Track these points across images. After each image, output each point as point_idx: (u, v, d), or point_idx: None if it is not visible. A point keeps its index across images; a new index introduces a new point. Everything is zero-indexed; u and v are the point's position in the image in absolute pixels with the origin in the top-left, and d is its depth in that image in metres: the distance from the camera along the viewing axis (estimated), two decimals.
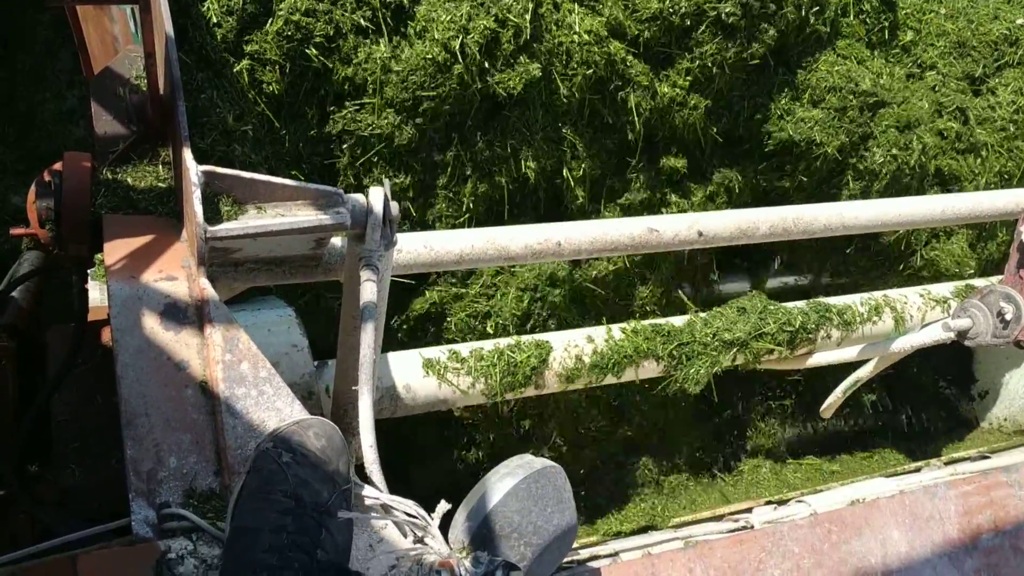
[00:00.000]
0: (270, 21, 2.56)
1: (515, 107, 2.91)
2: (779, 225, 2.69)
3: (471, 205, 3.00)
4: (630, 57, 3.09)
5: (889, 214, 2.89)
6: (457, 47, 2.72)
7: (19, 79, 4.67)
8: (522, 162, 2.98)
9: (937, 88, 3.82)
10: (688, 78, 3.18)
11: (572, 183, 3.13)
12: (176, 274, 1.71)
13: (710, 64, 3.16)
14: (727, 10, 3.09)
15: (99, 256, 2.02)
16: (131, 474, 1.52)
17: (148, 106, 1.92)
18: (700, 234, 2.57)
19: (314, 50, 2.63)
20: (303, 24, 2.59)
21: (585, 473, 3.76)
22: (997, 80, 3.88)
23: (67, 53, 4.73)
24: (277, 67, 2.58)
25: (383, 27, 2.76)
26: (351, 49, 2.72)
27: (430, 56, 2.74)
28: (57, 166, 1.92)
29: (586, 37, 2.94)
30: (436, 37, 2.74)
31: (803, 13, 3.31)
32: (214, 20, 2.46)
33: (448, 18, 2.75)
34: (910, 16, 3.86)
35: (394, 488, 1.61)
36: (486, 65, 2.81)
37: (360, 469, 1.66)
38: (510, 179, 3.01)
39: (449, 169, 2.91)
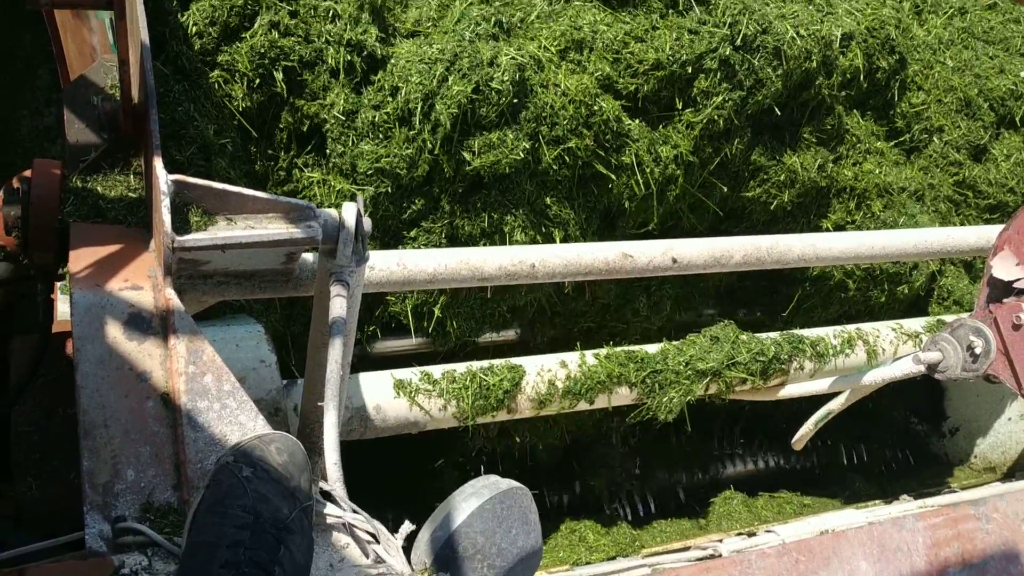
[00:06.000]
0: (249, 34, 2.56)
1: (498, 182, 2.74)
2: (753, 254, 2.70)
3: None
4: (625, 117, 2.96)
5: (863, 247, 2.91)
6: (419, 113, 2.55)
7: None
8: (507, 236, 2.78)
9: (937, 159, 3.81)
10: (692, 134, 3.04)
11: None
12: (141, 284, 1.68)
13: (716, 117, 3.04)
14: (726, 53, 3.00)
15: (67, 268, 1.99)
16: (87, 486, 1.48)
17: (120, 114, 1.91)
18: (674, 260, 2.58)
19: (281, 74, 2.60)
20: (278, 43, 2.59)
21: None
22: (999, 148, 3.91)
23: (46, 71, 4.72)
24: (245, 81, 2.56)
25: (346, 74, 2.65)
26: (320, 88, 2.65)
27: (395, 119, 2.60)
28: (27, 172, 1.90)
29: (575, 94, 2.78)
30: (405, 98, 2.58)
31: (812, 64, 3.23)
32: (195, 30, 2.46)
33: (419, 79, 2.58)
34: (919, 73, 3.86)
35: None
36: (461, 139, 2.62)
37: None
38: None
39: (419, 243, 2.73)
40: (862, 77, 3.54)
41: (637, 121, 3.02)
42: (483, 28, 2.78)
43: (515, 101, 2.67)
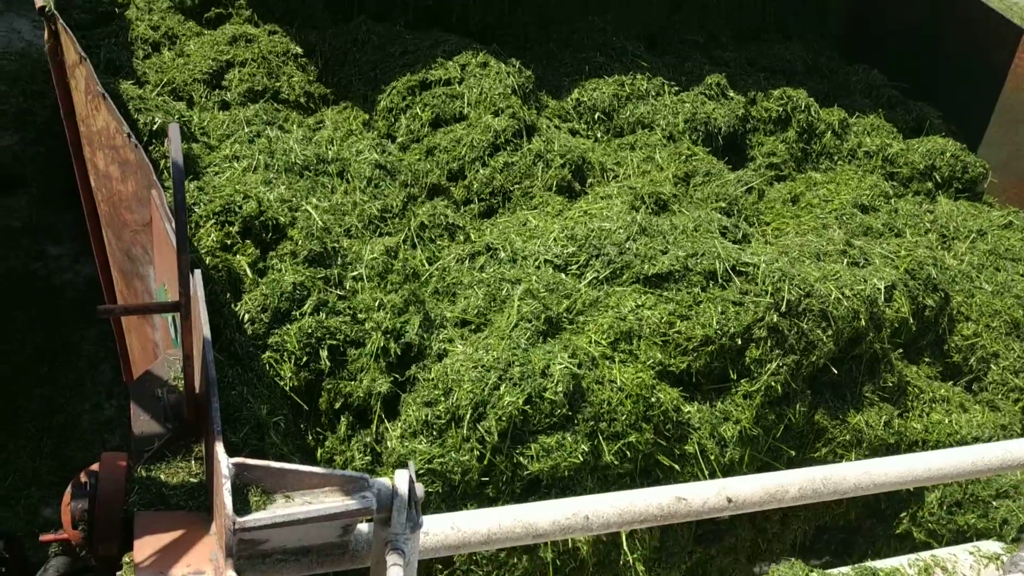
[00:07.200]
0: (298, 313, 2.74)
1: (557, 482, 2.71)
2: (808, 487, 2.65)
3: None
4: (684, 405, 2.95)
5: (918, 469, 2.85)
6: (468, 420, 2.58)
7: (61, 392, 4.88)
8: (570, 538, 2.67)
9: (999, 387, 3.77)
10: (752, 404, 3.01)
11: (629, 555, 2.84)
12: (203, 568, 1.71)
13: (773, 383, 3.02)
14: (773, 320, 3.02)
15: (127, 558, 2.02)
16: None
17: (184, 405, 2.02)
18: (729, 500, 2.54)
19: (326, 351, 2.74)
20: (325, 323, 2.75)
21: None
22: None
23: (108, 366, 4.99)
24: (293, 359, 2.70)
25: (384, 358, 2.73)
26: (359, 370, 2.76)
27: (448, 420, 2.62)
28: (94, 467, 1.98)
29: (631, 389, 2.80)
30: (456, 402, 2.62)
31: (861, 322, 3.26)
32: (248, 318, 2.64)
33: (470, 387, 2.63)
34: (963, 303, 3.92)
35: None
36: (514, 446, 2.63)
37: None
38: (556, 552, 2.71)
39: None
40: (911, 321, 3.58)
41: (696, 406, 3.00)
42: (533, 326, 2.87)
43: (569, 412, 2.69)
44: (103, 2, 4.76)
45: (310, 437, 2.82)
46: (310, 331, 2.76)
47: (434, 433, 2.64)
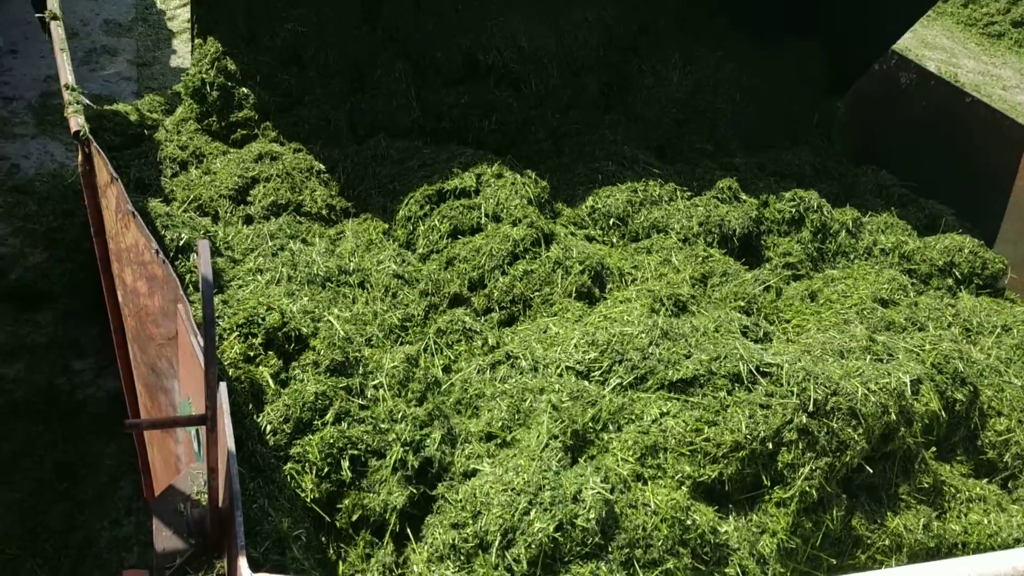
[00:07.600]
0: (320, 422, 2.73)
1: None
2: None
3: None
4: (721, 524, 2.85)
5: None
6: (496, 547, 2.49)
7: (80, 509, 4.85)
8: None
9: None
10: (788, 511, 2.91)
11: None
12: None
13: (808, 488, 2.92)
14: (802, 421, 2.96)
15: None
16: None
17: (207, 519, 2.01)
18: None
19: (347, 462, 2.73)
20: (347, 433, 2.75)
21: None
22: None
23: (128, 481, 4.97)
24: (314, 470, 2.68)
25: (405, 474, 2.71)
26: (377, 482, 2.73)
27: (475, 545, 2.54)
28: None
29: (666, 512, 2.71)
30: (484, 527, 2.55)
31: (891, 417, 3.20)
32: (269, 428, 2.64)
33: (499, 512, 2.56)
34: (993, 398, 3.86)
35: None
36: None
37: None
38: None
39: None
40: (942, 416, 3.52)
41: (732, 523, 2.90)
42: (559, 442, 2.83)
43: (602, 540, 2.60)
44: (133, 124, 4.96)
45: (331, 551, 2.78)
46: (332, 441, 2.76)
47: (462, 558, 2.57)
